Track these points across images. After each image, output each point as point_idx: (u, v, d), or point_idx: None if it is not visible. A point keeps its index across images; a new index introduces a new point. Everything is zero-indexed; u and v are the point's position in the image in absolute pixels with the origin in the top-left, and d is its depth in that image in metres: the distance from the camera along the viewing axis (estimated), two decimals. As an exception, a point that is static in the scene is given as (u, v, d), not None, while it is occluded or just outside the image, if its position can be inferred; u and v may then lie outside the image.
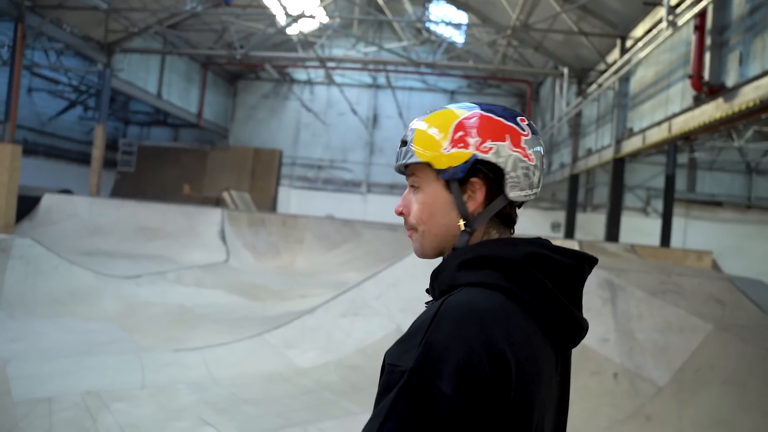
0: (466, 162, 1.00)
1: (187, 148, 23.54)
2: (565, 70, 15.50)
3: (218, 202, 17.23)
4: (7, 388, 4.30)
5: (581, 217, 20.07)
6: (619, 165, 13.50)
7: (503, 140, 0.99)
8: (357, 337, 5.58)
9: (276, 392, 4.75)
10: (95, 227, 12.73)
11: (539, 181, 1.03)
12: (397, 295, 5.89)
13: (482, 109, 1.02)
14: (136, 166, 22.95)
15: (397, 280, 6.02)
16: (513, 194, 1.00)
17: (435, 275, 1.02)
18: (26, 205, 12.94)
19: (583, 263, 1.02)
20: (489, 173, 1.00)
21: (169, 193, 20.02)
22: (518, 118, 1.02)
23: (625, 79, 13.38)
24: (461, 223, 1.02)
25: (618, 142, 13.29)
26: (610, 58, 14.35)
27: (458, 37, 22.49)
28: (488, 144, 0.99)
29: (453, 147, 1.00)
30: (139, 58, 20.03)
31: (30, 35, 14.55)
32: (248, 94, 27.08)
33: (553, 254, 0.98)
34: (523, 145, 1.00)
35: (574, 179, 17.38)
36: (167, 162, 22.63)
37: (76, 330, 6.09)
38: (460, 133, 1.00)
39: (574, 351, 1.13)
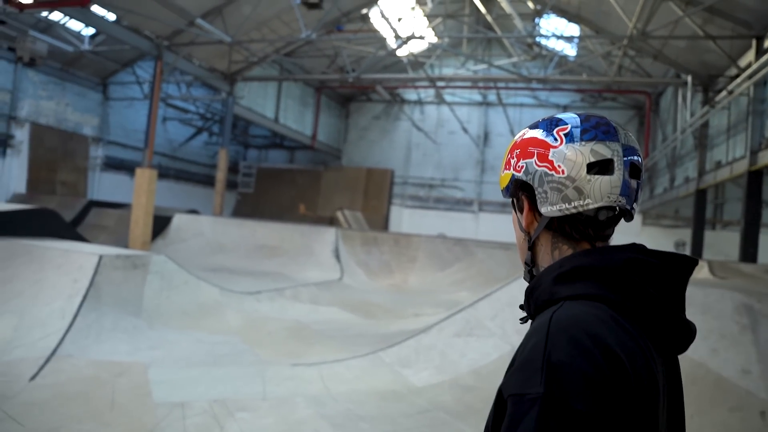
0: (509, 182, 1.08)
1: (302, 170, 24.60)
2: (689, 78, 14.50)
3: (332, 222, 17.78)
4: (149, 390, 4.68)
5: (709, 235, 18.50)
6: (755, 178, 12.33)
7: (531, 157, 1.02)
8: (471, 357, 5.48)
9: (390, 410, 4.76)
10: (219, 245, 13.58)
11: (590, 192, 0.97)
12: (513, 315, 5.72)
13: (530, 127, 1.07)
14: (255, 187, 24.30)
15: (513, 301, 5.86)
16: (544, 210, 1.01)
17: (530, 291, 1.04)
18: (160, 224, 14.10)
19: (682, 265, 1.00)
20: (526, 191, 1.05)
21: (285, 212, 20.99)
22: (557, 129, 1.01)
23: (762, 84, 12.26)
24: (524, 239, 1.09)
25: (754, 152, 12.17)
26: (743, 62, 13.23)
27: (570, 51, 21.83)
28: (521, 162, 1.04)
29: (504, 169, 1.10)
30: (258, 85, 21.35)
31: (166, 70, 15.98)
32: (360, 116, 27.87)
33: (651, 259, 0.96)
34: (550, 158, 0.99)
35: (700, 194, 16.10)
36: (284, 183, 23.77)
37: (203, 341, 6.49)
38: (509, 156, 1.09)
39: (708, 380, 1.10)
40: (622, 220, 1.04)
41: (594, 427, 0.79)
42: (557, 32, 20.41)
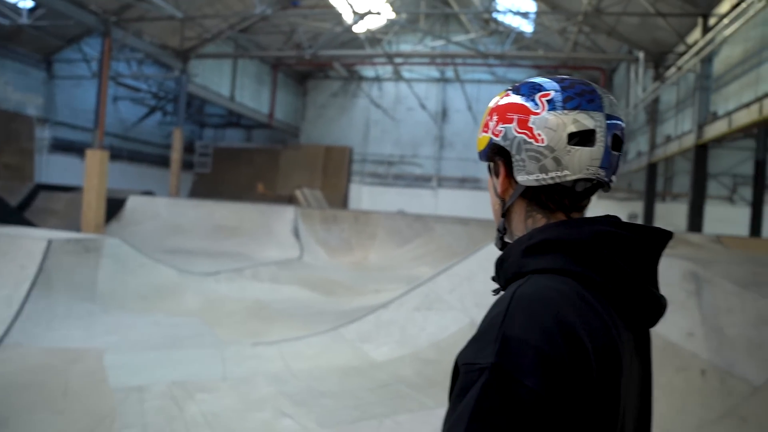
0: (486, 146, 1.03)
1: (259, 148, 24.23)
2: (641, 55, 14.83)
3: (291, 200, 17.63)
4: (104, 376, 4.60)
5: (660, 207, 19.14)
6: (701, 151, 12.78)
7: (511, 122, 0.97)
8: (431, 331, 5.56)
9: (352, 385, 4.80)
10: (176, 226, 13.34)
11: (568, 163, 0.93)
12: (471, 289, 5.82)
13: (512, 89, 1.01)
14: (212, 167, 23.84)
15: (471, 274, 5.95)
16: (520, 178, 0.97)
17: (500, 263, 1.01)
18: (113, 206, 13.75)
19: (656, 238, 0.97)
20: (503, 157, 1.00)
21: (243, 192, 20.69)
22: (539, 95, 0.95)
23: (708, 60, 12.64)
24: (498, 205, 1.06)
25: (700, 127, 12.59)
26: (691, 39, 13.59)
27: (527, 27, 21.94)
28: (500, 127, 0.99)
29: (482, 132, 1.04)
30: (213, 63, 20.82)
31: (115, 47, 15.40)
32: (318, 93, 27.55)
33: (622, 231, 0.93)
34: (530, 125, 0.94)
35: (651, 168, 16.62)
36: (241, 162, 23.38)
37: (161, 324, 6.40)
38: (488, 118, 1.03)
39: (656, 345, 1.07)
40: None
41: (540, 405, 0.76)
42: (514, 8, 20.49)
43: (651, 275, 0.96)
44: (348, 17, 17.29)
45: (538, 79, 0.99)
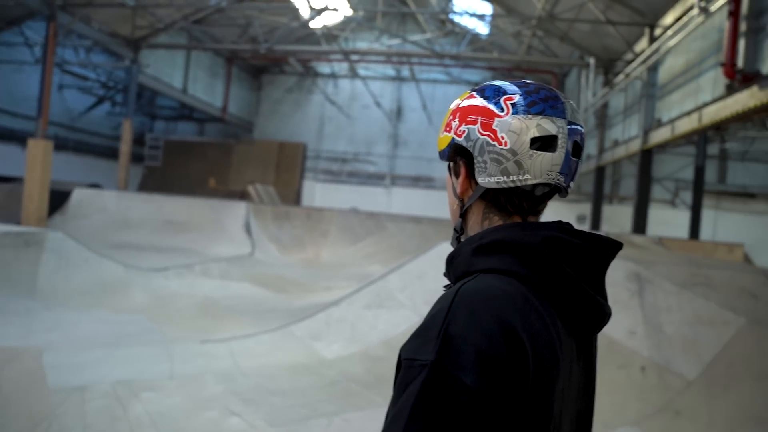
0: (448, 146, 1.03)
1: (212, 143, 23.77)
2: (592, 61, 15.26)
3: (243, 196, 17.38)
4: (43, 376, 4.42)
5: (607, 209, 19.79)
6: (646, 156, 13.26)
7: (474, 123, 0.97)
8: (382, 329, 5.59)
9: (302, 383, 4.79)
10: (124, 221, 12.96)
11: (530, 167, 0.93)
12: (422, 287, 5.88)
13: (476, 91, 1.02)
14: (163, 160, 23.22)
15: (422, 273, 6.01)
16: (481, 180, 0.97)
17: (450, 260, 1.02)
18: (57, 199, 13.23)
19: (605, 248, 0.99)
20: (465, 157, 1.00)
21: (195, 187, 20.25)
22: (504, 98, 0.96)
23: (654, 69, 13.13)
24: (456, 205, 1.06)
25: (646, 132, 13.07)
26: (638, 48, 14.08)
27: (482, 29, 22.26)
28: (463, 127, 0.99)
29: (444, 131, 1.04)
30: (165, 53, 20.29)
31: (61, 33, 14.78)
32: (273, 88, 27.24)
33: (573, 239, 0.95)
34: (494, 127, 0.95)
35: (600, 171, 17.13)
36: (193, 156, 22.86)
37: (106, 321, 6.22)
38: (450, 117, 1.03)
39: (601, 343, 1.09)
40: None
41: (479, 404, 0.78)
42: (470, 10, 20.76)
43: (598, 283, 0.98)
44: (305, 12, 17.16)
45: (502, 83, 1.00)
